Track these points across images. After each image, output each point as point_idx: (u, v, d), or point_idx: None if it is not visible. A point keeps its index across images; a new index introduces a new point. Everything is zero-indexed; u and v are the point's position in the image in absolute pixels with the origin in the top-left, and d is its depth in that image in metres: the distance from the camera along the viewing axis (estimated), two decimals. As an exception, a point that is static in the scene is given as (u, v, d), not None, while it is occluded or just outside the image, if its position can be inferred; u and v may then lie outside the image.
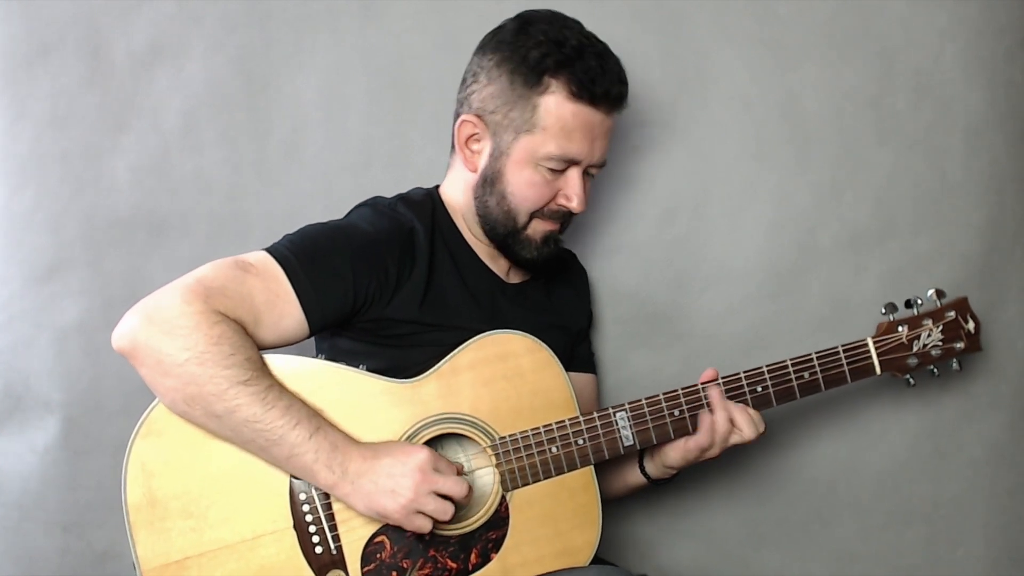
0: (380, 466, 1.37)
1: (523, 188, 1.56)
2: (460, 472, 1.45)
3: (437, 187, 1.68)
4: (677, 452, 1.59)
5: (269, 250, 1.46)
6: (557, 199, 1.58)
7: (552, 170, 1.54)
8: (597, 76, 1.51)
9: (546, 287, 1.75)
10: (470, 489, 1.42)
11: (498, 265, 1.67)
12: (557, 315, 1.73)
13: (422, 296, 1.52)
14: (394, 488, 1.36)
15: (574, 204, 1.57)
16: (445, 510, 1.38)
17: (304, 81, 1.91)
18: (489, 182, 1.58)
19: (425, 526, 1.38)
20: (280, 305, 1.42)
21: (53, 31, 1.86)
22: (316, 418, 1.38)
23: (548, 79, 1.51)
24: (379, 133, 1.94)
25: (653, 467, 1.67)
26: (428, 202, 1.62)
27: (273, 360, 1.42)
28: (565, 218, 1.62)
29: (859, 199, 2.02)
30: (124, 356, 1.36)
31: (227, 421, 1.35)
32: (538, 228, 1.60)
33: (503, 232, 1.59)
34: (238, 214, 1.91)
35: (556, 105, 1.51)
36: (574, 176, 1.56)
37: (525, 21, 1.56)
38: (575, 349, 1.78)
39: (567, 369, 1.57)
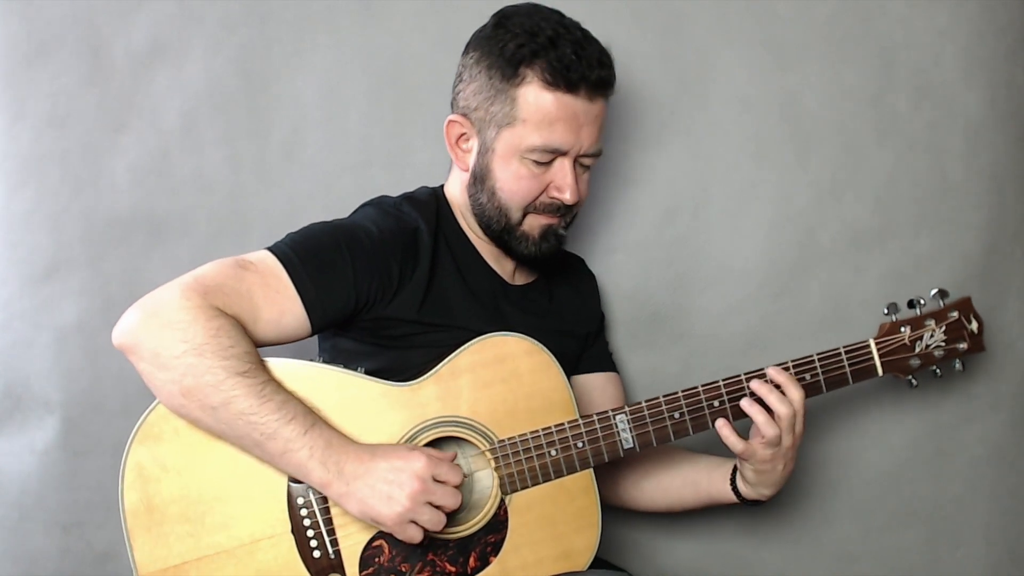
0: (377, 470, 1.35)
1: (510, 182, 1.55)
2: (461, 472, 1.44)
3: (442, 186, 1.68)
4: (746, 469, 1.57)
5: (271, 249, 1.46)
6: (548, 191, 1.56)
7: (538, 162, 1.53)
8: (571, 63, 1.49)
9: (549, 290, 1.74)
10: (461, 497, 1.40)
11: (502, 266, 1.67)
12: (559, 318, 1.72)
13: (423, 297, 1.52)
14: (390, 495, 1.34)
15: (566, 196, 1.55)
16: (439, 520, 1.37)
17: (304, 81, 1.91)
18: (479, 179, 1.57)
19: (416, 536, 1.37)
20: (280, 302, 1.42)
21: (53, 31, 1.85)
22: (312, 415, 1.37)
23: (523, 70, 1.50)
24: (379, 133, 1.93)
25: (745, 486, 1.61)
26: (433, 202, 1.62)
27: (271, 363, 1.42)
28: (563, 211, 1.59)
29: (859, 199, 2.02)
30: (124, 352, 1.36)
31: (222, 413, 1.34)
32: (534, 223, 1.58)
33: (498, 229, 1.58)
34: (238, 214, 1.90)
35: (534, 96, 1.50)
36: (562, 167, 1.54)
37: (503, 16, 1.57)
38: (587, 350, 1.76)
39: (579, 371, 1.56)
